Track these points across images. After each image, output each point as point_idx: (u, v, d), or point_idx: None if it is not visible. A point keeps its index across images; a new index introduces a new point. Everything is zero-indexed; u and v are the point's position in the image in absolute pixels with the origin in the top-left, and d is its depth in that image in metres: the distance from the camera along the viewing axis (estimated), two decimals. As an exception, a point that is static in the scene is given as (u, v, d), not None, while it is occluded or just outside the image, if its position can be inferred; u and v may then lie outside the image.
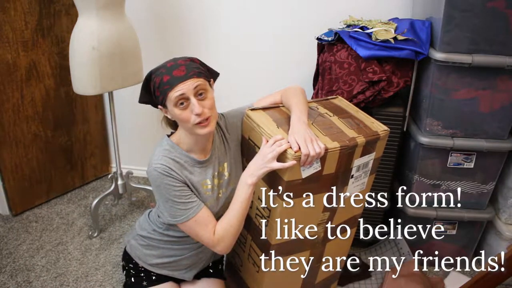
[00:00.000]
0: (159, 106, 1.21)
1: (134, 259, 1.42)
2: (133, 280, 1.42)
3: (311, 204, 1.26)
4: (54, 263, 1.89)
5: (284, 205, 1.21)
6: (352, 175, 1.30)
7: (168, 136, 1.28)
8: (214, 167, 1.30)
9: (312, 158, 1.13)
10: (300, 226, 1.30)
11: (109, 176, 2.13)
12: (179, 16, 2.19)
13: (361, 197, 1.41)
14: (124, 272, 1.47)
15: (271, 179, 1.22)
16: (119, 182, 2.11)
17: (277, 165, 1.14)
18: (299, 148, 1.12)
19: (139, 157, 2.54)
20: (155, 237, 1.37)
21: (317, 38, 1.83)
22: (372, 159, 1.32)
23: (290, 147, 1.14)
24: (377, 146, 1.31)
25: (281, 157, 1.16)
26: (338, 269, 1.61)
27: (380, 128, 1.31)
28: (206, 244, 1.25)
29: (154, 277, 1.41)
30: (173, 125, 1.31)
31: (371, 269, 1.88)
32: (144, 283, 1.40)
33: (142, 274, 1.42)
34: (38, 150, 2.20)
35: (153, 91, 1.19)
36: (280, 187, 1.19)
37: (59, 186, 2.36)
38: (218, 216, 1.27)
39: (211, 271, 1.50)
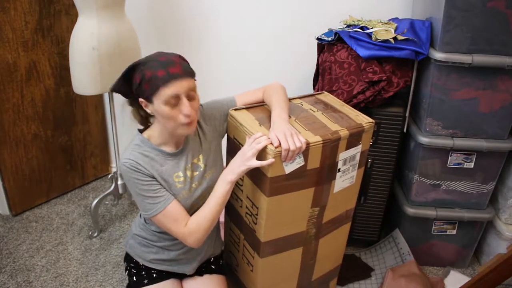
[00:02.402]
0: (140, 99, 1.18)
1: (134, 257, 1.43)
2: (134, 279, 1.42)
3: (299, 200, 1.27)
4: (54, 263, 1.89)
5: (271, 201, 1.21)
6: (339, 169, 1.30)
7: (141, 131, 1.28)
8: (187, 159, 1.30)
9: (293, 153, 1.14)
10: (289, 222, 1.30)
11: (109, 176, 2.13)
12: (179, 16, 2.19)
13: (352, 191, 1.42)
14: (127, 272, 1.48)
15: (256, 176, 1.23)
16: (119, 182, 2.11)
17: (256, 163, 1.15)
18: (280, 144, 1.13)
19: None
20: (146, 234, 1.39)
21: (317, 38, 1.83)
22: (359, 152, 1.33)
23: (271, 143, 1.14)
24: (363, 138, 1.31)
25: (262, 154, 1.16)
26: (336, 265, 1.61)
27: (364, 120, 1.32)
28: (177, 237, 1.26)
29: (155, 275, 1.42)
30: (143, 120, 1.29)
31: (371, 269, 1.88)
32: (145, 281, 1.41)
33: (143, 273, 1.42)
34: (38, 150, 2.20)
35: (139, 83, 1.15)
36: (265, 184, 1.19)
37: (59, 186, 2.36)
38: (194, 209, 1.28)
39: (213, 267, 1.51)
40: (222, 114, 1.36)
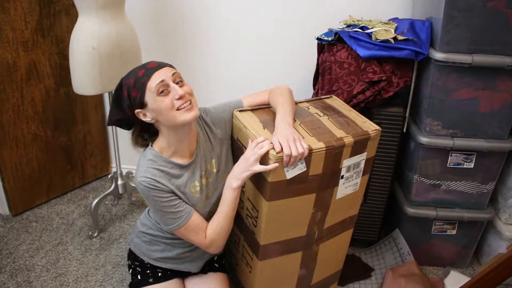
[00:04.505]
0: (136, 111, 1.18)
1: (140, 256, 1.43)
2: (139, 278, 1.42)
3: (300, 205, 1.25)
4: (54, 263, 1.89)
5: (271, 206, 1.20)
6: (342, 176, 1.28)
7: (151, 145, 1.27)
8: (201, 167, 1.30)
9: (295, 159, 1.12)
10: (290, 227, 1.29)
11: (109, 176, 2.13)
12: (179, 16, 2.19)
13: (356, 198, 1.40)
14: (130, 271, 1.48)
15: (257, 180, 1.22)
16: (119, 182, 2.11)
17: (259, 167, 1.14)
18: (282, 149, 1.12)
19: (139, 157, 2.54)
20: (156, 233, 1.38)
21: (317, 38, 1.83)
22: (364, 159, 1.31)
23: (274, 148, 1.13)
24: (369, 146, 1.29)
25: (264, 159, 1.15)
26: (336, 270, 1.61)
27: (371, 127, 1.29)
28: (199, 246, 1.28)
29: (160, 274, 1.42)
30: (145, 143, 1.30)
31: (371, 269, 1.88)
32: (151, 279, 1.41)
33: (148, 271, 1.42)
34: (38, 150, 2.20)
35: (127, 96, 1.16)
36: (265, 188, 1.18)
37: (59, 186, 2.36)
38: (211, 214, 1.29)
39: (217, 265, 1.51)
40: (231, 116, 1.36)
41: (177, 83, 1.16)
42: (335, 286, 1.68)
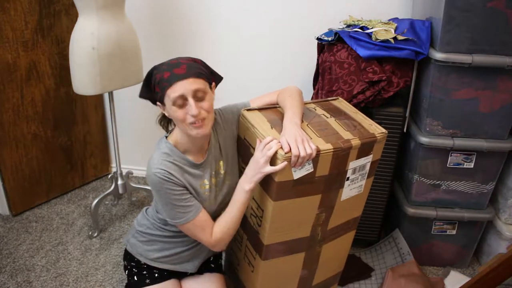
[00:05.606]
0: (158, 103, 1.22)
1: (136, 256, 1.43)
2: (135, 279, 1.42)
3: (305, 206, 1.26)
4: (54, 263, 1.89)
5: (277, 206, 1.21)
6: (348, 178, 1.29)
7: (166, 137, 1.29)
8: (211, 167, 1.31)
9: (303, 159, 1.13)
10: (294, 227, 1.29)
11: (109, 176, 2.13)
12: (179, 16, 2.19)
13: (360, 200, 1.40)
14: (126, 271, 1.47)
15: (264, 179, 1.22)
16: (119, 182, 2.11)
17: (269, 169, 1.15)
18: (290, 149, 1.12)
19: (139, 157, 2.54)
20: (155, 232, 1.38)
21: (317, 38, 1.83)
22: (369, 162, 1.31)
23: (282, 148, 1.14)
24: (375, 149, 1.29)
25: (272, 158, 1.16)
26: (337, 271, 1.61)
27: (377, 130, 1.30)
28: (204, 244, 1.28)
29: (156, 275, 1.42)
30: (166, 126, 1.32)
31: (371, 269, 1.88)
32: (147, 280, 1.41)
33: (145, 272, 1.42)
34: (38, 150, 2.20)
35: (153, 87, 1.19)
36: (272, 188, 1.19)
37: (59, 186, 2.36)
38: (216, 214, 1.29)
39: (213, 265, 1.51)
40: (237, 118, 1.36)
41: (198, 96, 1.15)
42: (335, 287, 1.68)
